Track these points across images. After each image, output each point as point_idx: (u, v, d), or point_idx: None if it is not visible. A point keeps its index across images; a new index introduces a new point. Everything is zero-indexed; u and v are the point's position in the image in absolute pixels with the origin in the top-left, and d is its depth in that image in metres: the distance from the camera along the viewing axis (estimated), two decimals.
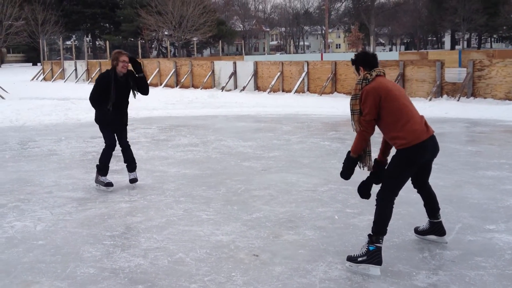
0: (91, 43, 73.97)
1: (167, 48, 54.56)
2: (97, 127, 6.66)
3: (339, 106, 14.61)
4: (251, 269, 3.98)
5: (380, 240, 3.88)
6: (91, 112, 15.00)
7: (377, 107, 3.89)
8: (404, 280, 3.73)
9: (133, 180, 6.45)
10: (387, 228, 3.93)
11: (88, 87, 30.23)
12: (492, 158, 7.70)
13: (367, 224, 4.82)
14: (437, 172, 6.75)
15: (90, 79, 30.69)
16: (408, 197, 5.14)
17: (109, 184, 6.34)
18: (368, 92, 3.92)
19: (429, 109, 13.41)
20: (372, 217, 4.96)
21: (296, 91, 19.49)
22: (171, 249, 4.39)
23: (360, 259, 3.87)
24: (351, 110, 4.06)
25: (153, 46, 72.88)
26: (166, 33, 56.50)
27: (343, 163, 4.18)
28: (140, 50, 43.12)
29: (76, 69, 32.66)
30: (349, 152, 4.13)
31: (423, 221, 4.50)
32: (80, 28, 70.27)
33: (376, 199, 3.98)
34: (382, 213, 3.91)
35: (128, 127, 12.28)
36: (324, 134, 10.33)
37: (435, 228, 4.34)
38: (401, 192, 4.02)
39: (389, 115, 3.90)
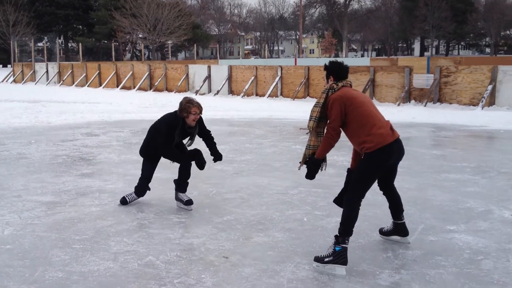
0: (63, 45, 72.96)
1: (141, 51, 54.20)
2: (69, 130, 6.65)
3: None
4: (220, 270, 4.05)
5: (346, 241, 4.00)
6: (62, 115, 14.95)
7: (342, 115, 4.05)
8: (368, 279, 3.86)
9: (189, 202, 5.77)
10: (353, 229, 4.06)
11: (60, 90, 29.79)
12: (455, 161, 7.96)
13: (335, 226, 4.94)
14: (402, 175, 6.94)
15: (61, 81, 30.33)
16: (374, 199, 5.29)
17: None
18: (334, 100, 4.09)
19: (397, 114, 13.72)
20: (339, 219, 5.11)
21: (269, 95, 19.65)
22: (141, 252, 4.42)
23: (326, 259, 3.98)
24: (310, 116, 4.24)
25: (127, 48, 72.23)
26: (140, 36, 56.05)
27: (307, 166, 4.33)
28: (113, 53, 42.77)
29: (47, 71, 32.23)
30: (313, 155, 4.27)
31: (388, 222, 4.64)
32: (53, 30, 69.25)
33: (344, 201, 4.10)
34: (349, 214, 4.04)
35: (100, 131, 12.21)
36: (296, 138, 10.46)
37: (399, 229, 4.49)
38: (367, 195, 4.15)
39: (355, 121, 4.05)
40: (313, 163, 4.28)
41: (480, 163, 7.78)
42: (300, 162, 4.42)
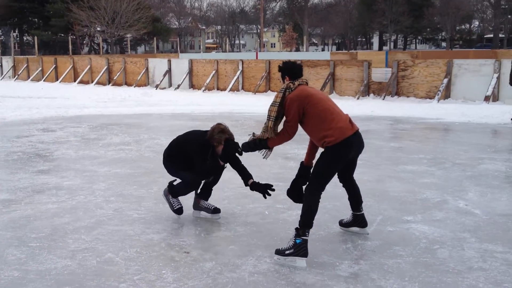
0: (18, 39, 70.79)
1: (99, 45, 53.13)
2: (24, 126, 6.44)
3: None
4: (181, 266, 4.03)
5: (307, 233, 4.04)
6: (17, 110, 14.52)
7: (300, 115, 4.11)
8: (328, 271, 3.91)
9: (216, 210, 5.23)
10: (314, 221, 4.10)
11: (15, 84, 28.89)
12: (412, 153, 8.14)
13: (296, 219, 4.96)
14: (362, 167, 7.04)
15: (16, 76, 29.45)
16: (334, 192, 5.35)
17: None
18: (291, 100, 4.13)
19: (357, 107, 13.94)
20: (299, 211, 5.14)
21: (230, 90, 19.61)
22: (100, 249, 4.35)
23: (287, 252, 4.01)
24: (267, 115, 4.25)
25: (84, 42, 70.69)
26: (98, 29, 54.92)
27: (253, 142, 4.39)
28: (70, 46, 41.79)
29: (1, 66, 31.24)
30: (267, 140, 4.31)
31: (348, 214, 4.71)
32: (7, 23, 67.07)
33: (305, 194, 4.13)
34: (309, 207, 4.07)
35: (56, 126, 11.93)
36: (257, 132, 10.46)
37: (358, 220, 4.57)
38: (327, 187, 4.19)
39: (314, 117, 4.09)
40: (260, 144, 4.35)
41: (436, 155, 7.99)
42: (254, 134, 4.41)
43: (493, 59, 15.92)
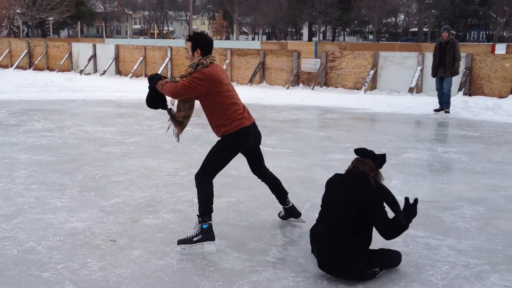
0: None
1: (19, 28, 50.46)
2: None
3: None
4: (107, 254, 3.93)
5: (210, 218, 4.07)
6: None
7: (200, 92, 4.00)
8: (257, 256, 3.94)
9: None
10: (213, 206, 4.10)
11: None
12: (340, 142, 8.35)
13: (225, 206, 5.01)
14: (291, 156, 7.19)
15: None
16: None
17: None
18: (204, 75, 3.96)
19: (287, 97, 14.09)
20: (228, 199, 5.16)
21: None
22: (21, 238, 4.17)
23: (195, 238, 4.00)
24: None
25: (3, 25, 66.88)
26: (18, 11, 52.14)
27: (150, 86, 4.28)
28: None
29: None
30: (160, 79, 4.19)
31: (276, 202, 4.69)
32: None
33: (196, 182, 4.12)
34: (205, 195, 4.08)
35: None
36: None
37: (291, 212, 4.60)
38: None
39: (218, 104, 4.03)
40: (151, 87, 4.27)
41: (363, 144, 8.20)
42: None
43: (417, 52, 16.54)
